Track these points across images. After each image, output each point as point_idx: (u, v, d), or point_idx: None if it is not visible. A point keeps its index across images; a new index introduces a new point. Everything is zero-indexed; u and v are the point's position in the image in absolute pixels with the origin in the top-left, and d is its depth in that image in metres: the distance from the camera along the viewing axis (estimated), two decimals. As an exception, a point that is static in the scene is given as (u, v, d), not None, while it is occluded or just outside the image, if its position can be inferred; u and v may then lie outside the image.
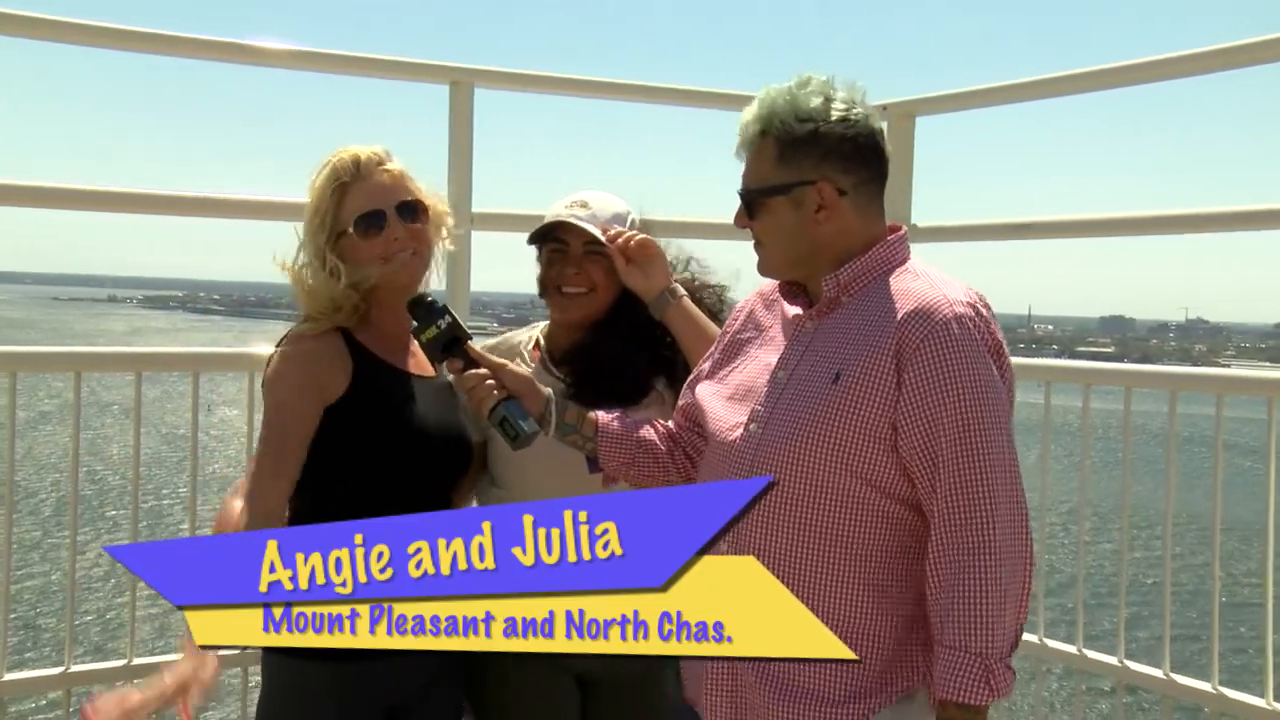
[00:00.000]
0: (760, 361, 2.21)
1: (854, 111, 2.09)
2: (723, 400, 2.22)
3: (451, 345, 2.30)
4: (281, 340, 2.44)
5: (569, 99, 4.48)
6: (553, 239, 2.62)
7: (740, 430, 2.13)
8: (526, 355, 2.71)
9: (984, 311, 2.04)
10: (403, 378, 2.47)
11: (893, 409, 1.97)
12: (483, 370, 2.27)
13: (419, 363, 2.53)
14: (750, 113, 2.14)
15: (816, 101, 2.08)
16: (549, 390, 2.33)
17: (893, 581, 2.03)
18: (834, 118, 2.07)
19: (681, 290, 2.60)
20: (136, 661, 3.17)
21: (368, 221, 2.39)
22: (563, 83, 3.92)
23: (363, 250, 2.39)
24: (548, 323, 2.77)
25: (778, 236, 2.14)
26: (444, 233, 2.52)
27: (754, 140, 2.13)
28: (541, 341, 2.74)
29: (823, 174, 2.08)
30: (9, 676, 3.03)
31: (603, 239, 2.57)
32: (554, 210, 2.64)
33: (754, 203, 2.14)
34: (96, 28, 3.20)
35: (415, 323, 2.33)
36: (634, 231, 2.61)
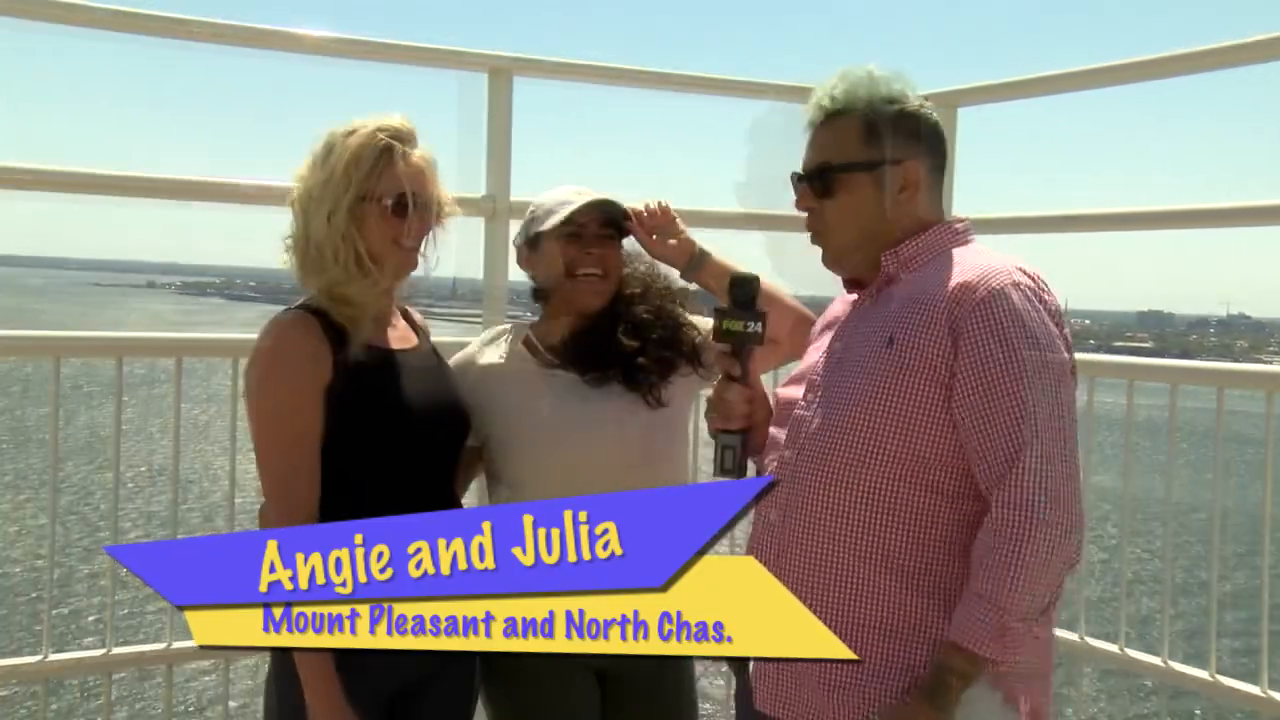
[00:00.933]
0: (823, 347, 2.22)
1: (926, 104, 2.16)
2: (792, 385, 2.24)
3: (742, 349, 2.21)
4: (265, 328, 2.35)
5: (600, 89, 4.42)
6: (568, 222, 2.58)
7: (801, 401, 2.14)
8: (520, 348, 2.67)
9: (1042, 284, 2.03)
10: (385, 355, 2.40)
11: (948, 371, 1.96)
12: (747, 392, 2.22)
13: (400, 335, 2.48)
14: (832, 89, 2.14)
15: (898, 86, 2.12)
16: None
17: (914, 563, 2.00)
18: (918, 105, 2.13)
19: (708, 249, 2.61)
20: (176, 645, 3.17)
21: (402, 200, 2.32)
22: (602, 72, 3.85)
23: (382, 226, 2.32)
24: (525, 324, 2.74)
25: (852, 214, 2.13)
26: (432, 236, 2.45)
27: (834, 117, 2.13)
28: (532, 338, 2.68)
29: (911, 154, 2.11)
30: (53, 657, 3.07)
31: (641, 211, 2.59)
32: (556, 199, 2.61)
33: (833, 179, 2.13)
34: (130, 14, 3.16)
35: (731, 303, 2.19)
36: (649, 201, 2.62)
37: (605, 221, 2.58)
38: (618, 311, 2.60)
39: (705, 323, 2.65)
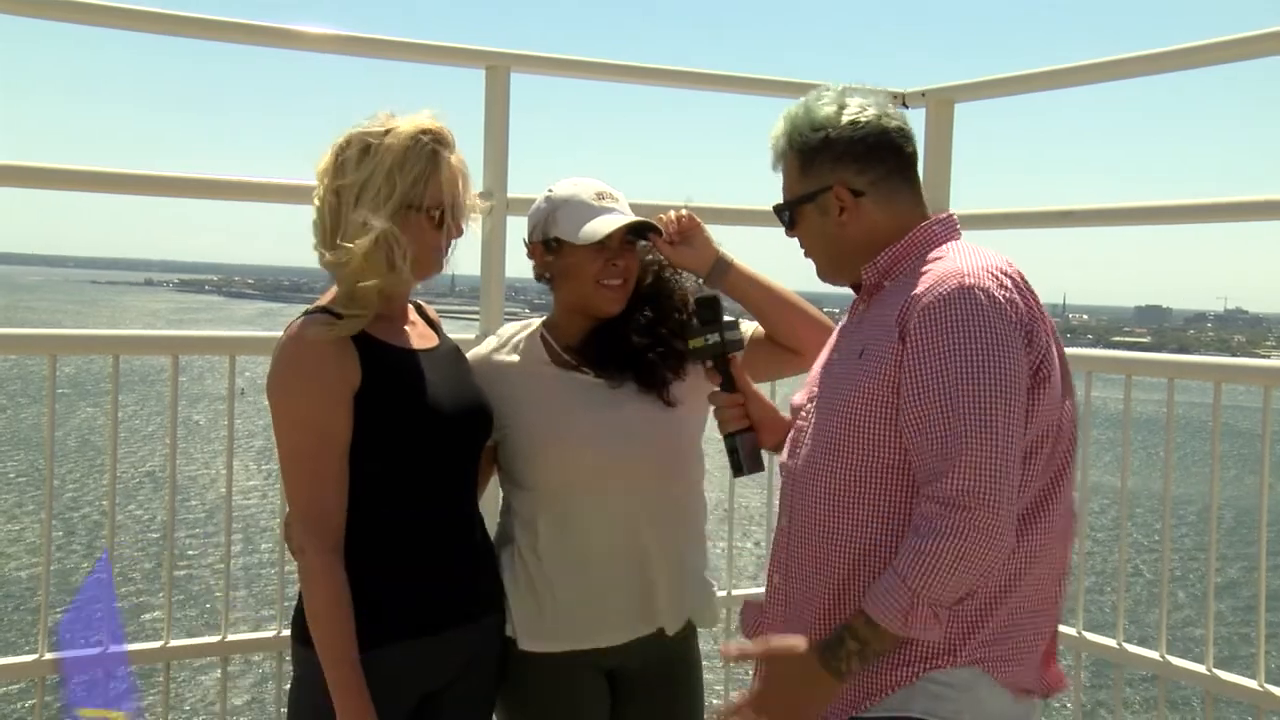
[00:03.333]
0: (828, 349, 2.32)
1: (864, 114, 2.17)
2: (800, 392, 2.33)
3: (719, 360, 2.31)
4: (287, 332, 2.30)
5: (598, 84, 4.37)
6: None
7: (803, 412, 2.23)
8: (537, 349, 2.63)
9: (1007, 283, 2.01)
10: (408, 357, 2.37)
11: (895, 376, 2.00)
12: (737, 395, 2.36)
13: (420, 334, 2.45)
14: (776, 129, 2.24)
15: (828, 110, 2.18)
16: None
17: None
18: (843, 122, 2.17)
19: (731, 255, 2.60)
20: (173, 643, 3.13)
21: (450, 211, 2.29)
22: (599, 68, 3.81)
23: (425, 236, 2.28)
24: (541, 318, 2.70)
25: (814, 242, 2.26)
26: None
27: (781, 155, 2.25)
28: (545, 334, 2.65)
29: (837, 178, 2.17)
30: (49, 656, 3.04)
31: (661, 228, 2.56)
32: (575, 197, 2.55)
33: (788, 215, 2.26)
34: (132, 11, 3.14)
35: (695, 322, 2.28)
36: (674, 212, 2.61)
37: (629, 230, 2.55)
38: (632, 308, 2.59)
39: None
